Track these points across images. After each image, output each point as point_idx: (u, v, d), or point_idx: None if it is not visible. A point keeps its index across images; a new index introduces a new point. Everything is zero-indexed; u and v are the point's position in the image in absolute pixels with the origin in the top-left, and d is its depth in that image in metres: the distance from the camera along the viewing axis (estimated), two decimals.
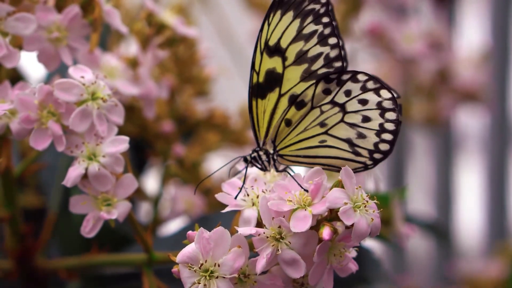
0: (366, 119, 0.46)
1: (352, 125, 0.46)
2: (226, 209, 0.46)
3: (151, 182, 0.72)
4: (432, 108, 0.99)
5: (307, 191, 0.44)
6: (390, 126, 0.46)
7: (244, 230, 0.44)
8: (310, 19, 0.45)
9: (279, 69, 0.46)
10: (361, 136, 0.46)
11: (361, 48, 0.94)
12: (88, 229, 0.47)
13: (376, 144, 0.46)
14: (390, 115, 0.46)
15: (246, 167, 0.47)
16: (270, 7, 0.46)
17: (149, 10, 0.57)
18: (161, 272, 0.51)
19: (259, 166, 0.47)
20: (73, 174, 0.47)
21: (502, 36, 1.19)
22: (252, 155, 0.47)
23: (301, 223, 0.43)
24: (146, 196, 0.69)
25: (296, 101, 0.46)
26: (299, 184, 0.45)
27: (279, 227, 0.44)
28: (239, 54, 0.92)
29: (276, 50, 0.46)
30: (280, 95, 0.46)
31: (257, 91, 0.46)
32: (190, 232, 0.45)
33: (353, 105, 0.46)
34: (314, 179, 0.44)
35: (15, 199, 0.54)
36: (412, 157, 1.28)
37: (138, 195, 0.67)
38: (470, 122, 1.25)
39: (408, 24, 0.92)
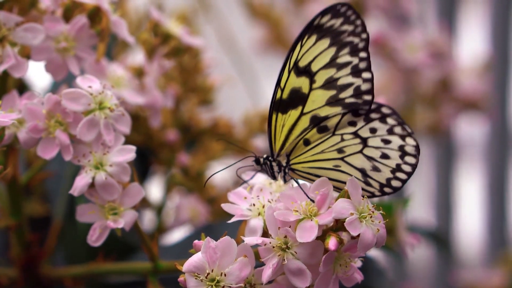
0: (385, 156, 0.47)
1: (369, 158, 0.47)
2: (233, 219, 0.47)
3: (154, 190, 0.72)
4: (433, 117, 0.99)
5: (313, 201, 0.45)
6: (407, 168, 0.47)
7: (250, 239, 0.45)
8: (346, 50, 0.46)
9: (305, 90, 0.47)
10: (376, 169, 0.47)
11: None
12: (95, 238, 0.48)
13: (388, 180, 0.47)
14: (410, 159, 0.47)
15: (256, 172, 0.48)
16: (306, 28, 0.46)
17: (155, 20, 0.57)
18: (167, 281, 0.52)
19: (268, 173, 0.48)
20: (80, 183, 0.47)
21: (503, 45, 1.19)
22: (264, 162, 0.48)
23: (307, 233, 0.44)
24: (149, 204, 0.69)
25: (319, 125, 0.47)
26: (305, 193, 0.45)
27: (285, 237, 0.44)
28: (242, 63, 0.92)
29: (305, 72, 0.46)
30: (302, 114, 0.47)
31: (279, 106, 0.47)
32: (196, 241, 0.45)
33: (375, 141, 0.47)
34: (320, 190, 0.45)
35: (21, 207, 0.54)
36: None
37: (142, 203, 0.67)
38: (471, 131, 1.26)
39: (411, 34, 0.92)
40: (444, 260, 1.20)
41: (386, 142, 0.47)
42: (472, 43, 1.20)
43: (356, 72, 0.46)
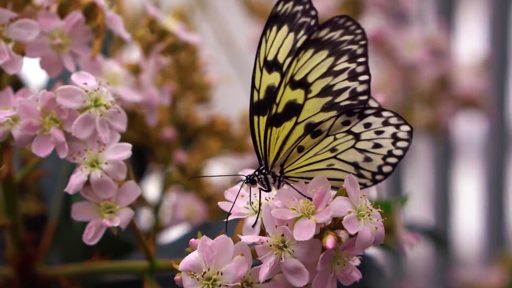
0: (377, 145, 0.46)
1: (361, 151, 0.46)
2: (230, 218, 0.46)
3: (151, 188, 0.72)
4: (432, 115, 0.99)
5: (311, 199, 0.44)
6: (398, 152, 0.46)
7: (247, 238, 0.44)
8: (345, 58, 0.45)
9: (300, 101, 0.46)
10: (368, 160, 0.46)
11: None
12: (90, 237, 0.47)
13: (380, 167, 0.47)
14: (402, 144, 0.46)
15: (250, 188, 0.47)
16: (300, 47, 0.45)
17: (152, 16, 0.57)
18: (163, 280, 0.51)
19: (264, 187, 0.47)
20: (76, 181, 0.47)
21: (502, 44, 1.19)
22: (259, 177, 0.47)
23: (304, 232, 0.43)
24: (146, 203, 0.68)
25: (313, 130, 0.46)
26: (300, 192, 0.45)
27: (283, 235, 0.44)
28: (240, 61, 0.92)
29: (300, 84, 0.46)
30: (297, 123, 0.46)
31: (273, 120, 0.46)
32: (193, 240, 0.45)
33: (368, 134, 0.46)
34: (318, 188, 0.44)
35: (16, 206, 0.54)
36: (411, 164, 1.28)
37: (138, 202, 0.67)
38: (469, 129, 1.25)
39: (409, 31, 0.92)
40: (442, 258, 1.19)
41: (379, 132, 0.46)
42: (471, 41, 1.20)
43: (353, 76, 0.45)
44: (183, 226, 0.67)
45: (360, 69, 0.45)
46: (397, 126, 0.46)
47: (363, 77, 0.46)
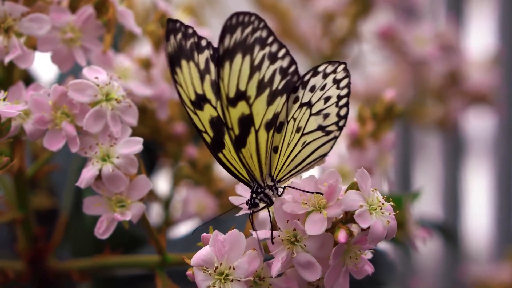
0: (327, 99, 0.46)
1: (318, 113, 0.46)
2: (241, 212, 0.46)
3: (161, 183, 0.72)
4: (442, 111, 0.99)
5: (322, 194, 0.44)
6: (344, 91, 0.46)
7: (259, 233, 0.44)
8: (257, 48, 0.44)
9: (247, 111, 0.45)
10: (326, 116, 0.46)
11: (371, 51, 0.93)
12: (102, 231, 0.47)
13: (338, 114, 0.46)
14: (343, 82, 0.45)
15: (252, 212, 0.46)
16: (217, 63, 0.44)
17: (162, 11, 0.57)
18: (174, 274, 0.51)
19: (267, 203, 0.46)
20: (87, 175, 0.47)
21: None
22: (259, 197, 0.46)
23: (316, 226, 0.43)
24: (157, 198, 0.68)
25: (276, 126, 0.45)
26: (301, 189, 0.44)
27: (294, 229, 0.44)
28: None
29: (238, 97, 0.44)
30: (257, 131, 0.45)
31: (237, 144, 0.45)
32: (204, 234, 0.45)
33: (316, 96, 0.46)
34: (328, 181, 0.44)
35: (27, 200, 0.54)
36: (420, 159, 1.28)
37: (149, 197, 0.67)
38: (479, 125, 1.25)
39: (419, 26, 0.91)
40: (452, 255, 1.19)
41: (323, 87, 0.45)
42: (481, 36, 1.19)
43: (272, 58, 0.45)
44: (194, 221, 0.67)
45: (274, 48, 0.44)
46: (334, 71, 0.45)
47: (281, 53, 0.45)
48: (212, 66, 0.46)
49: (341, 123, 0.46)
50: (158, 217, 0.70)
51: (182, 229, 0.68)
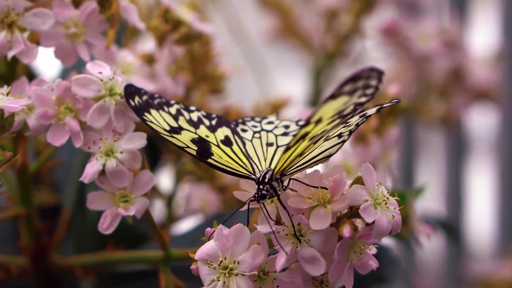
0: (354, 109, 0.45)
1: (346, 123, 0.46)
2: (243, 205, 0.46)
3: (164, 180, 0.72)
4: (445, 107, 0.99)
5: (326, 188, 0.44)
6: (365, 99, 0.44)
7: (263, 227, 0.44)
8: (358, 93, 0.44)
9: (309, 130, 0.44)
10: (348, 125, 0.46)
11: (374, 47, 0.93)
12: (106, 226, 0.47)
13: (357, 123, 0.46)
14: (370, 90, 0.44)
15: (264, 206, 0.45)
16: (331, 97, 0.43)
17: (165, 6, 0.56)
18: (177, 270, 0.51)
19: (272, 195, 0.45)
20: (91, 170, 0.47)
21: None
22: (265, 188, 0.45)
23: (320, 221, 0.43)
24: (160, 194, 0.68)
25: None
26: (304, 182, 0.44)
27: (299, 224, 0.44)
28: (252, 52, 0.91)
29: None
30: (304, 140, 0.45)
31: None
32: (208, 229, 0.45)
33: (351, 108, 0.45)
34: (333, 176, 0.44)
35: (31, 196, 0.54)
36: (423, 156, 1.28)
37: (152, 193, 0.67)
38: (482, 122, 1.25)
39: (423, 23, 0.91)
40: (454, 252, 1.19)
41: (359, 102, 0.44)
42: (485, 33, 1.19)
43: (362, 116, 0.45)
44: (197, 217, 0.66)
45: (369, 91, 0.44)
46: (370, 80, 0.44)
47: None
48: (186, 113, 0.49)
49: (353, 130, 0.46)
50: (161, 213, 0.69)
51: (185, 225, 0.68)
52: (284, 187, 0.45)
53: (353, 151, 0.60)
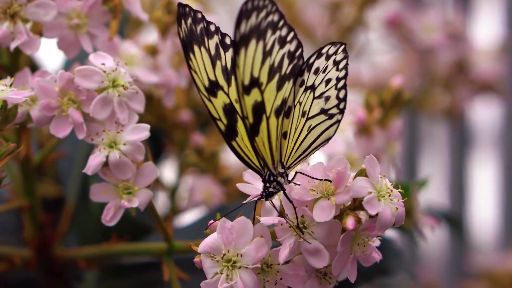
0: (328, 81, 0.46)
1: (320, 96, 0.46)
2: (248, 199, 0.46)
3: (167, 172, 0.72)
4: (449, 100, 0.98)
5: (330, 180, 0.44)
6: (342, 73, 0.45)
7: (266, 219, 0.44)
8: (270, 33, 0.44)
9: (259, 98, 0.44)
10: (327, 99, 0.46)
11: (378, 39, 0.93)
12: (109, 218, 0.47)
13: (337, 96, 0.46)
14: (342, 64, 0.45)
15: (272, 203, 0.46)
16: (233, 49, 0.44)
17: None
18: (181, 262, 0.51)
19: (279, 190, 0.45)
20: (94, 162, 0.46)
21: None
22: (272, 186, 0.45)
23: (324, 213, 0.43)
24: (163, 186, 0.68)
25: (284, 111, 0.45)
26: (308, 174, 0.44)
27: (302, 216, 0.43)
28: None
29: (252, 84, 0.44)
30: (268, 118, 0.45)
31: (252, 132, 0.45)
32: (211, 221, 0.45)
33: (319, 78, 0.45)
34: (337, 168, 0.44)
35: (34, 188, 0.54)
36: (426, 148, 1.27)
37: (155, 185, 0.67)
38: (486, 114, 1.24)
39: (427, 15, 0.91)
40: (458, 245, 1.19)
41: (325, 70, 0.45)
42: (488, 25, 1.18)
43: (282, 42, 0.44)
44: (200, 209, 0.66)
45: (284, 32, 0.44)
46: (335, 52, 0.45)
47: (290, 36, 0.44)
48: (222, 52, 0.46)
49: (341, 106, 0.46)
50: (164, 206, 0.69)
51: (188, 217, 0.67)
52: (288, 181, 0.45)
53: (356, 143, 0.60)
